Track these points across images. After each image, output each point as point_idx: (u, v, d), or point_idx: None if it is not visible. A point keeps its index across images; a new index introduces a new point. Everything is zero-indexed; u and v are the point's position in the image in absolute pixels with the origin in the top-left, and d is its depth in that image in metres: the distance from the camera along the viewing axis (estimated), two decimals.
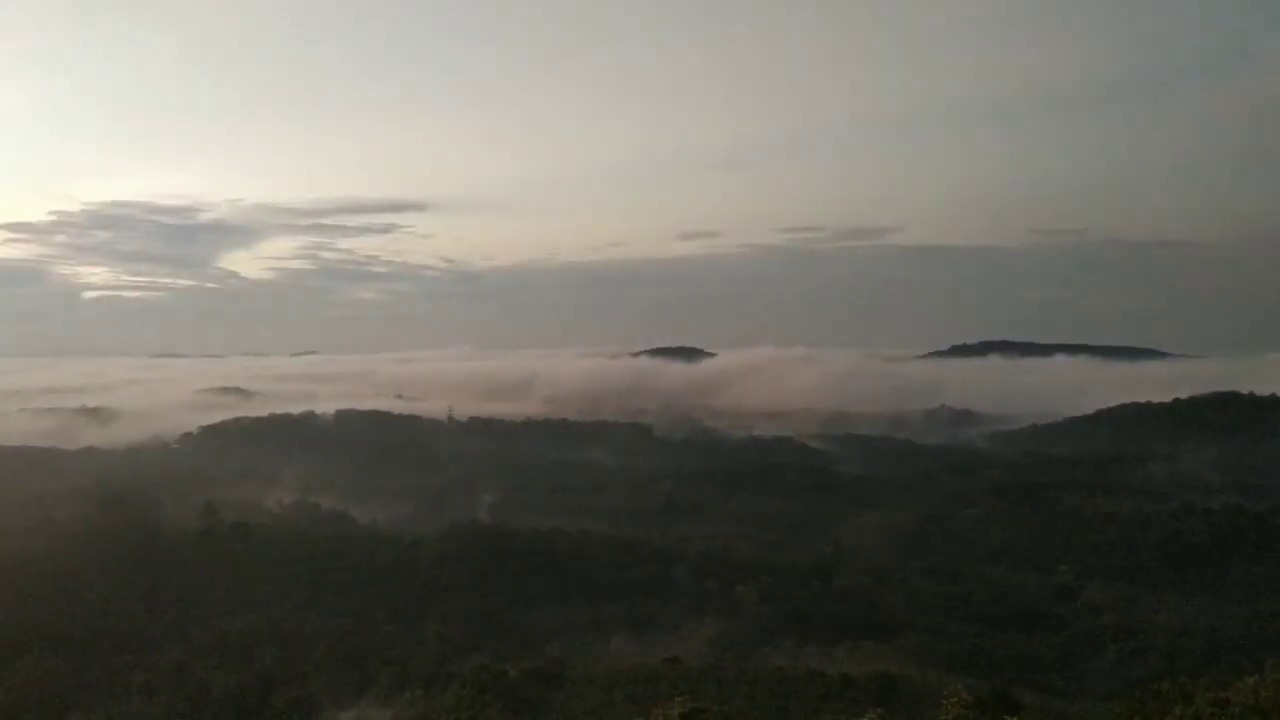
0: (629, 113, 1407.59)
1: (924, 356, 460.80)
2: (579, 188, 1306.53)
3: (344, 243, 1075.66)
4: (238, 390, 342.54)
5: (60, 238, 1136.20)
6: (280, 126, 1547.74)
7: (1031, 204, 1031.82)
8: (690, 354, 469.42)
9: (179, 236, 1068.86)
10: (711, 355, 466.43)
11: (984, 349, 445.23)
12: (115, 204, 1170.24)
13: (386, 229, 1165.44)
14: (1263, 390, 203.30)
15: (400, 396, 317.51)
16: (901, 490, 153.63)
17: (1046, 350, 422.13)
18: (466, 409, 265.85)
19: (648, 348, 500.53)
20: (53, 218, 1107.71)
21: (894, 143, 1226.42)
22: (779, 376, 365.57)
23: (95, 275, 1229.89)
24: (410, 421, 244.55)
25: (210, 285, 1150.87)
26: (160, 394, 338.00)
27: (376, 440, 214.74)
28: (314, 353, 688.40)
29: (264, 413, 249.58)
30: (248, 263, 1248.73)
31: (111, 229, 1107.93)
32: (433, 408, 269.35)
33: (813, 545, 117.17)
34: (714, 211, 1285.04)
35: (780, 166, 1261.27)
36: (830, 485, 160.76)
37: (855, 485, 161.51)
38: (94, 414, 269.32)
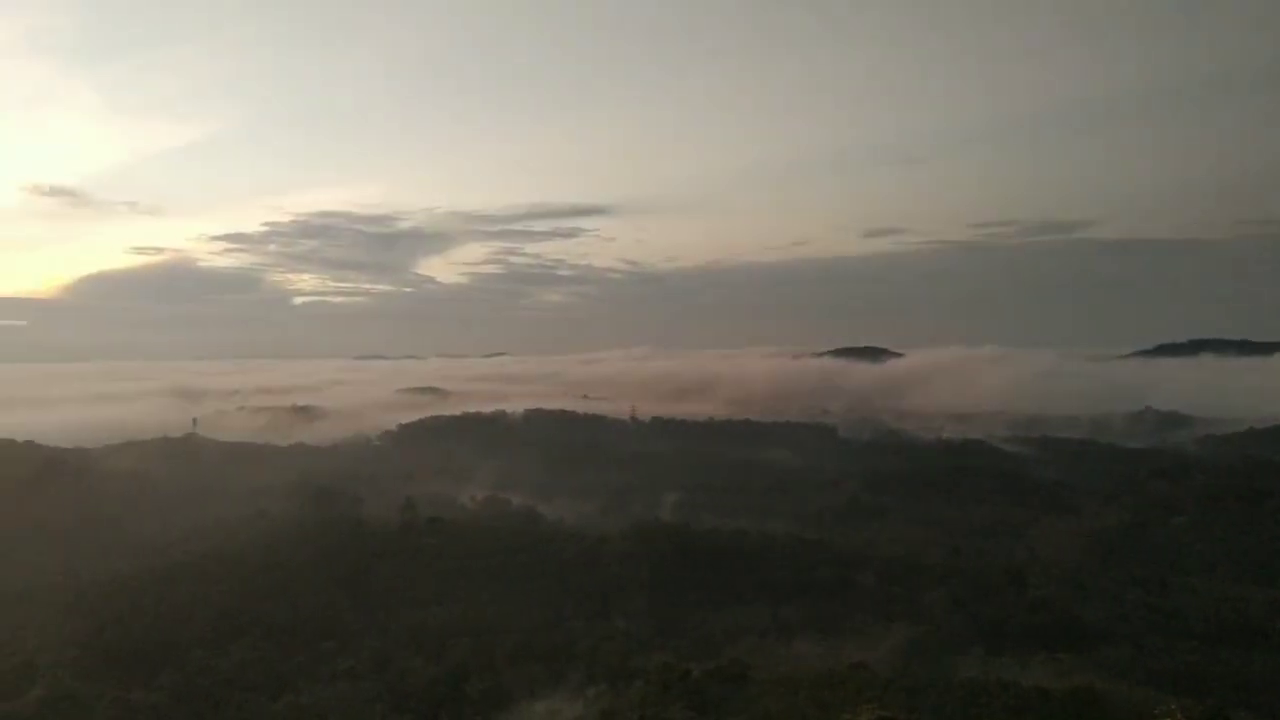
0: (811, 110, 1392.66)
1: (1127, 356, 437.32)
2: (761, 187, 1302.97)
3: (532, 247, 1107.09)
4: (434, 390, 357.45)
5: (273, 247, 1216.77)
6: (471, 137, 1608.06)
7: (1237, 195, 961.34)
8: (876, 354, 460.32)
9: (379, 244, 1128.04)
10: (898, 355, 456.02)
11: (1194, 348, 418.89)
12: (321, 215, 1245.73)
13: (572, 233, 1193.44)
14: None
15: (586, 396, 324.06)
16: (1102, 496, 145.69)
17: (1265, 349, 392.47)
18: (650, 409, 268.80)
19: (832, 348, 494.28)
20: (266, 229, 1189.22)
21: (1086, 134, 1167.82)
22: (969, 377, 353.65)
23: (304, 282, 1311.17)
24: (595, 421, 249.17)
25: (408, 290, 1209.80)
26: (363, 393, 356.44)
27: (563, 439, 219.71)
28: (504, 354, 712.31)
29: (458, 411, 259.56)
30: (442, 268, 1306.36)
31: (318, 238, 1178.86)
32: (617, 407, 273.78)
33: (1005, 552, 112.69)
34: (899, 208, 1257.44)
35: (966, 161, 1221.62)
36: (1024, 489, 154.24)
37: (1051, 490, 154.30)
38: (304, 412, 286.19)
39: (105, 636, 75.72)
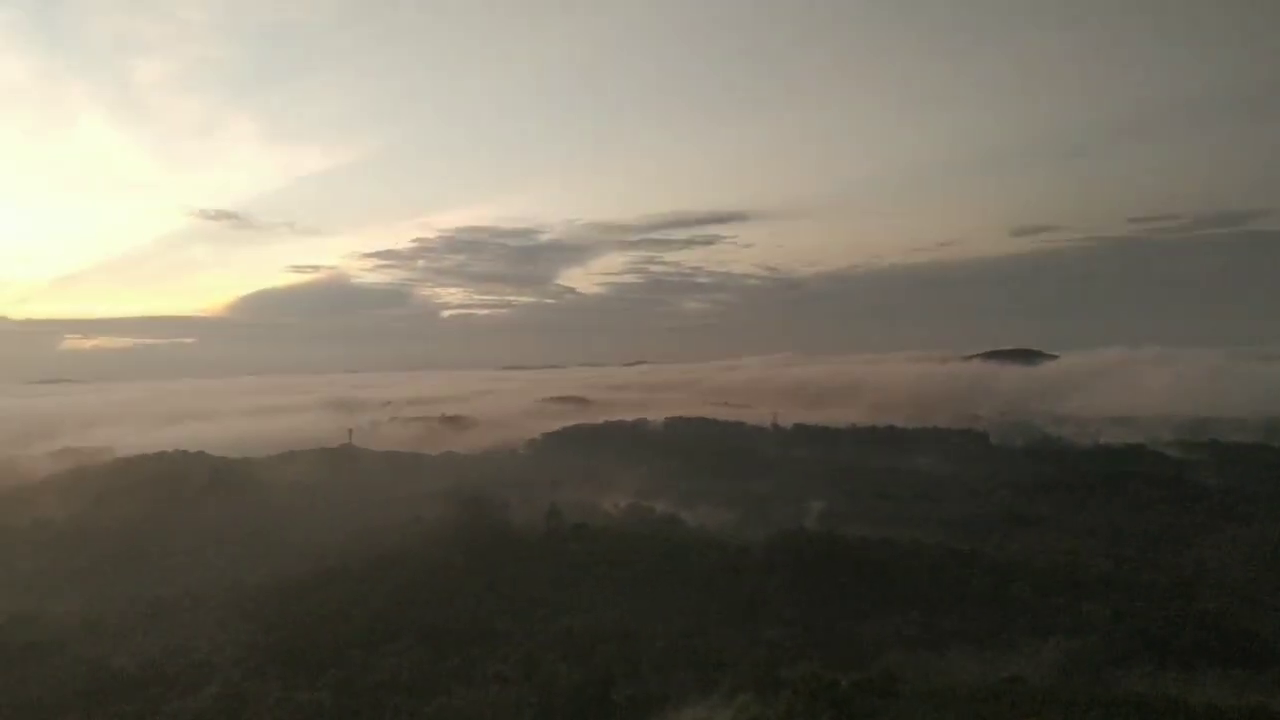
0: (954, 108, 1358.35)
1: None
2: (903, 187, 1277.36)
3: (670, 256, 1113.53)
4: (576, 399, 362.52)
5: (421, 263, 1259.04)
6: (609, 149, 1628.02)
7: None
8: (1029, 356, 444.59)
9: (522, 257, 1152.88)
10: (1053, 357, 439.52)
11: None
12: (466, 230, 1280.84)
13: (710, 241, 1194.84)
14: None
15: (726, 403, 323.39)
16: (1276, 504, 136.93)
17: None
18: (791, 415, 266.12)
19: (982, 350, 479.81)
20: (415, 245, 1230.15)
21: (1255, 119, 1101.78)
22: (1129, 379, 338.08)
23: (451, 295, 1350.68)
24: (736, 428, 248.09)
25: (549, 301, 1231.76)
26: (508, 403, 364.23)
27: (704, 446, 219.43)
28: (644, 362, 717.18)
29: (600, 420, 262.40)
30: (583, 279, 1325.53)
31: (464, 253, 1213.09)
32: (758, 414, 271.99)
33: (1170, 562, 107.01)
34: (1050, 204, 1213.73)
35: (1122, 153, 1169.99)
36: (1190, 497, 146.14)
37: (1221, 498, 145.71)
38: (453, 422, 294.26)
39: (271, 637, 79.28)
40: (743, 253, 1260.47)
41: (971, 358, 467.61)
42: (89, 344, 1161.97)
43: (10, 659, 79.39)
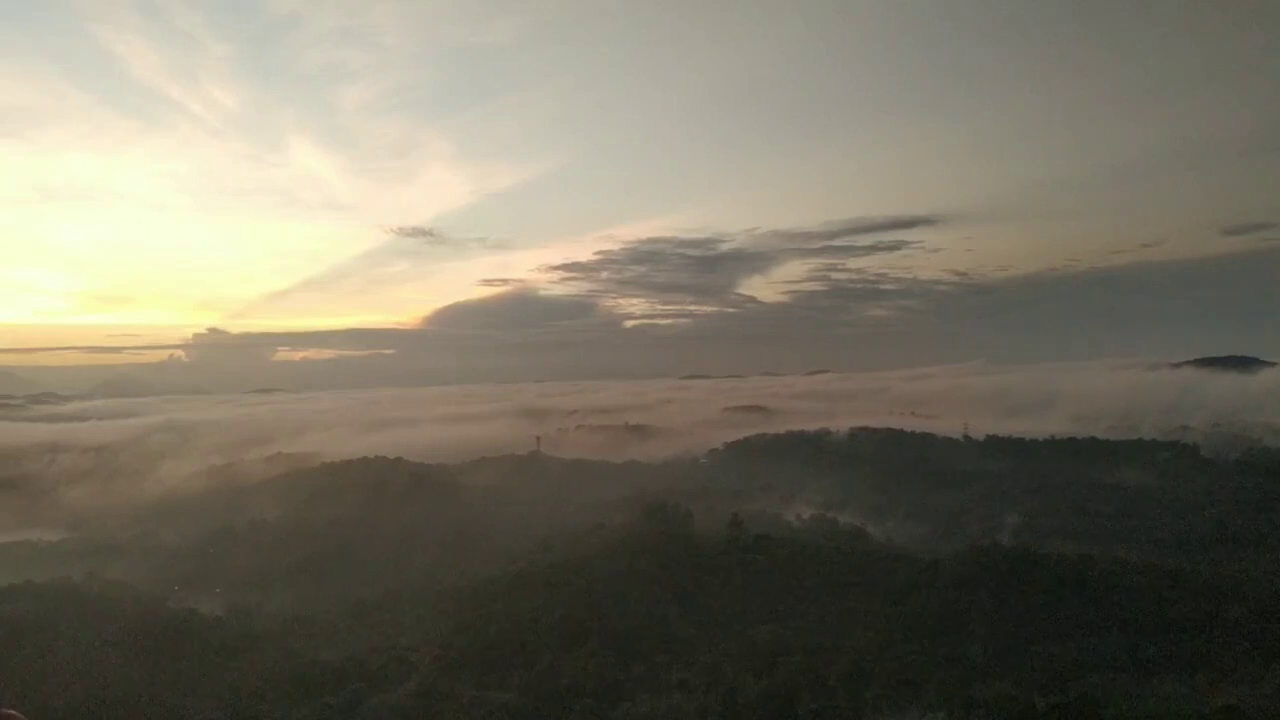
0: (1154, 104, 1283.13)
1: None
2: (1100, 187, 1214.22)
3: (854, 262, 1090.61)
4: (758, 408, 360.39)
5: (605, 274, 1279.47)
6: (789, 156, 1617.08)
7: None
8: (1244, 363, 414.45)
9: (703, 266, 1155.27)
10: (1271, 364, 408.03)
11: None
12: (649, 241, 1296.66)
13: (895, 246, 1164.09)
14: None
15: (914, 413, 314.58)
16: None
17: None
18: (983, 426, 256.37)
19: (1192, 357, 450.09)
20: (599, 257, 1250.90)
21: None
22: None
23: (634, 306, 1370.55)
24: (924, 439, 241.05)
25: (731, 310, 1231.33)
26: (690, 412, 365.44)
27: (891, 457, 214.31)
28: (827, 371, 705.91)
29: (782, 430, 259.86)
30: (764, 287, 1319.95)
31: (646, 263, 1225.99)
32: (947, 425, 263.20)
33: None
34: (1266, 201, 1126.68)
35: None
36: None
37: None
38: (636, 430, 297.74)
39: (465, 637, 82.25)
40: (930, 258, 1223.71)
41: (1180, 365, 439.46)
42: (298, 355, 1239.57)
43: (230, 649, 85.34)
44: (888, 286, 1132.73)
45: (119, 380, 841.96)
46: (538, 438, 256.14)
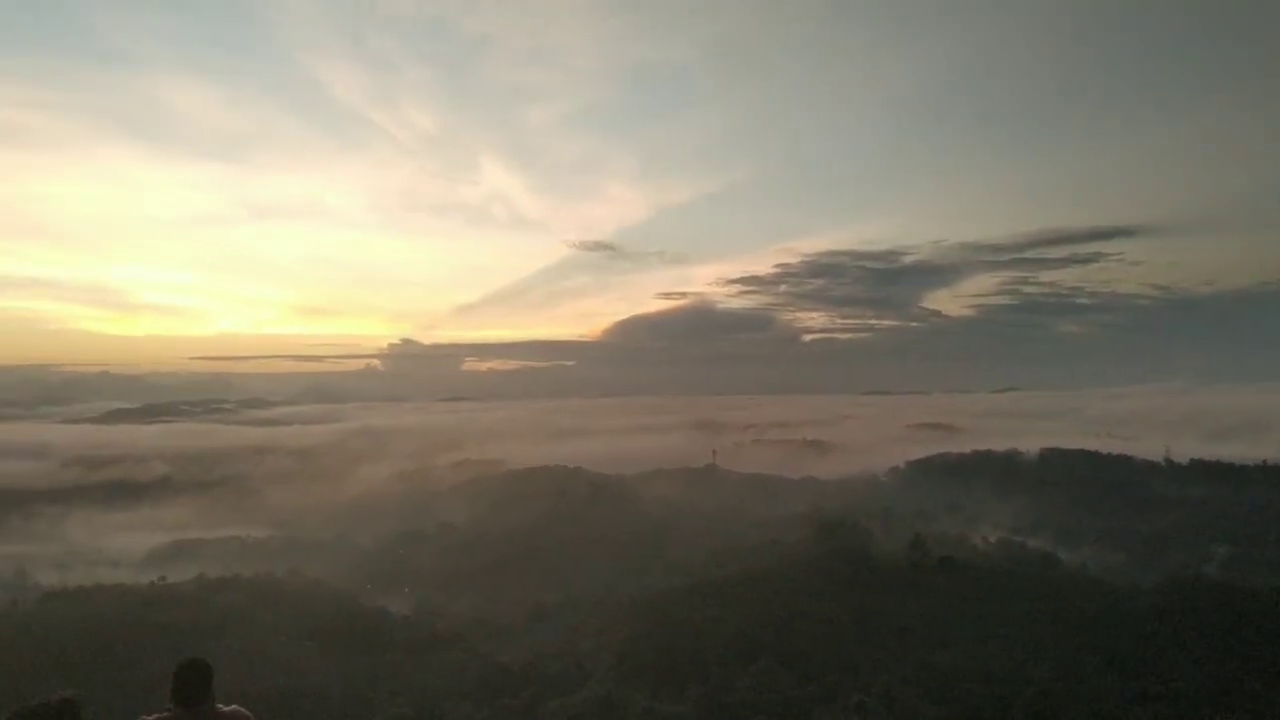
0: None
1: None
2: None
3: (1046, 276, 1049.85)
4: (942, 426, 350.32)
5: (783, 288, 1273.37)
6: (974, 166, 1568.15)
7: None
8: None
9: (884, 279, 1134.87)
10: None
11: None
12: (828, 254, 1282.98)
13: (1091, 258, 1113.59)
14: None
15: (1110, 434, 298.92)
16: None
17: None
18: (1187, 449, 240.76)
19: None
20: (777, 271, 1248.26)
21: None
22: None
23: (812, 319, 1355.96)
24: (1122, 462, 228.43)
25: (914, 324, 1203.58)
26: (870, 429, 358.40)
27: (1085, 480, 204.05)
28: (1016, 389, 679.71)
29: (968, 449, 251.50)
30: (949, 301, 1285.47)
31: (825, 277, 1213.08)
32: (1147, 447, 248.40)
33: None
34: None
35: None
36: None
37: None
38: (814, 446, 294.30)
39: (639, 647, 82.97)
40: (1130, 271, 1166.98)
41: None
42: (484, 366, 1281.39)
43: (418, 647, 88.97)
44: (1083, 301, 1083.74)
45: (321, 387, 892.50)
46: (714, 451, 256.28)
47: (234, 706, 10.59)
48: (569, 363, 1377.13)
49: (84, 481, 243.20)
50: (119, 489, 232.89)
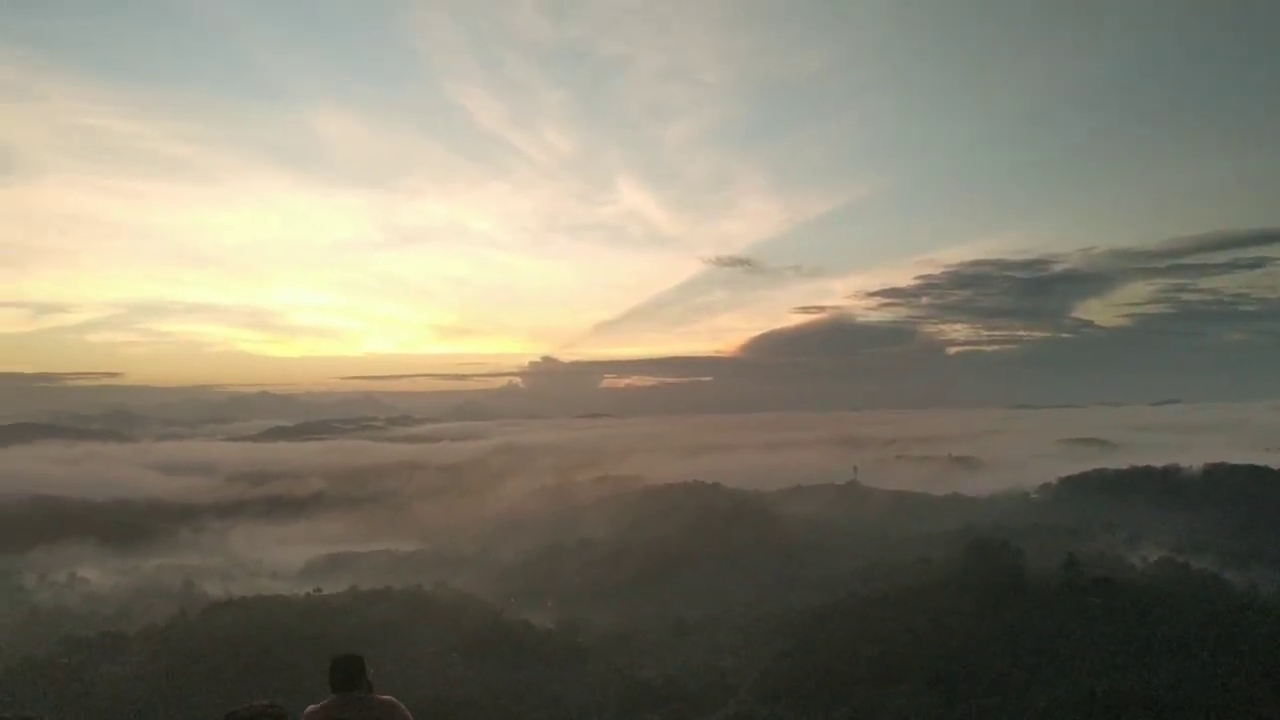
0: None
1: None
2: None
3: (1207, 282, 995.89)
4: (1096, 441, 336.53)
5: (925, 299, 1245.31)
6: (1125, 170, 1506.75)
7: None
8: None
9: (1032, 289, 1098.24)
10: None
11: None
12: (972, 264, 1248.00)
13: (1258, 263, 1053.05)
14: None
15: None
16: None
17: None
18: None
19: None
20: (918, 282, 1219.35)
21: None
22: None
23: (957, 331, 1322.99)
24: None
25: (1064, 335, 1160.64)
26: (1020, 444, 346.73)
27: (1254, 498, 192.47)
28: (1176, 401, 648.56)
29: (1124, 464, 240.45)
30: (1101, 310, 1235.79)
31: (969, 288, 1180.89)
32: None
33: None
34: None
35: None
36: None
37: None
38: (960, 462, 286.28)
39: (782, 665, 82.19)
40: None
41: None
42: (622, 382, 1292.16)
43: (559, 660, 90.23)
44: (1248, 308, 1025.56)
45: (465, 405, 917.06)
46: (855, 467, 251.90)
47: (388, 696, 11.76)
48: (706, 378, 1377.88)
49: (246, 496, 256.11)
50: (278, 504, 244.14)
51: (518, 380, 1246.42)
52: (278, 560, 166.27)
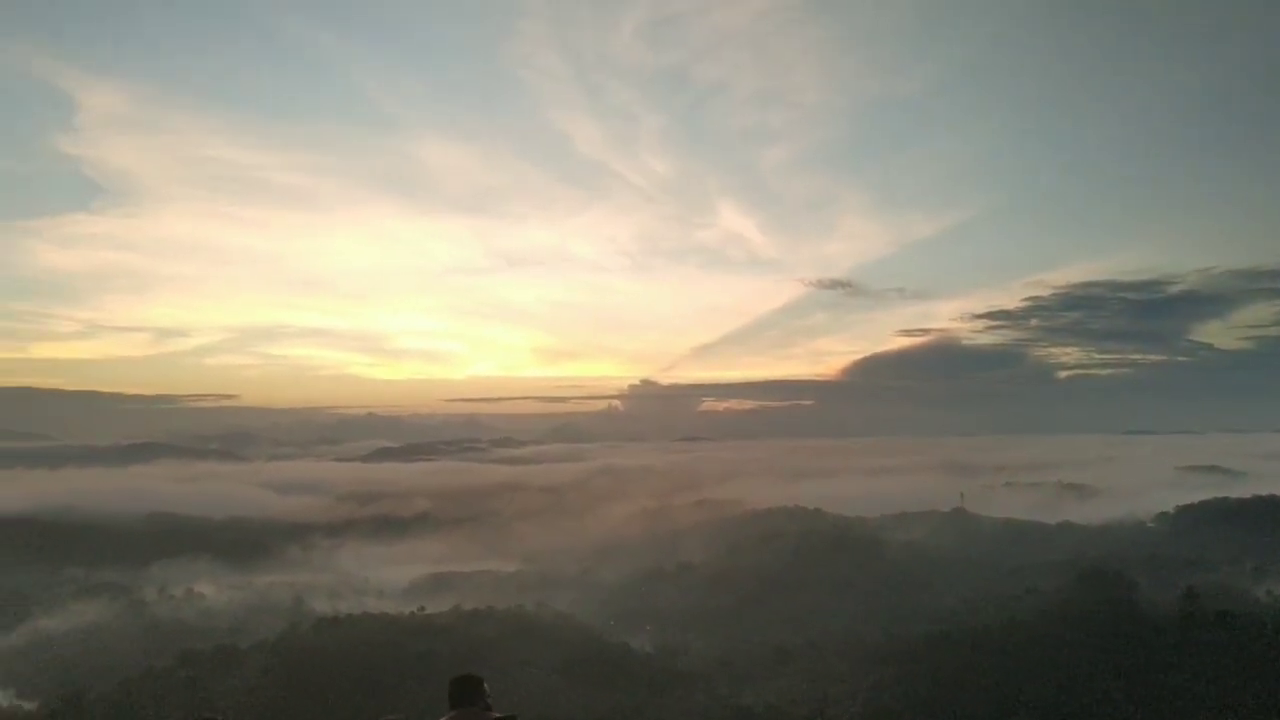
0: None
1: None
2: None
3: None
4: (1217, 469, 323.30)
5: (1034, 322, 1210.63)
6: (1248, 187, 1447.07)
7: None
8: None
9: (1147, 311, 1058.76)
10: None
11: None
12: (1082, 285, 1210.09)
13: None
14: None
15: None
16: None
17: None
18: None
19: None
20: (1027, 305, 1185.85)
21: None
22: None
23: (1067, 355, 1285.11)
24: None
25: (1181, 359, 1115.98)
26: (1134, 471, 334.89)
27: None
28: None
29: (1247, 494, 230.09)
30: (1222, 333, 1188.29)
31: (1081, 309, 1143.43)
32: None
33: None
34: None
35: None
36: None
37: None
38: (1072, 489, 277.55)
39: (885, 695, 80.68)
40: None
41: None
42: (721, 406, 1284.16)
43: (660, 684, 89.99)
44: None
45: (565, 427, 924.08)
46: (961, 494, 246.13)
47: (511, 715, 12.04)
48: (807, 402, 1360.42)
49: (354, 516, 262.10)
50: (384, 523, 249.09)
51: (617, 403, 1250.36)
52: (384, 579, 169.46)
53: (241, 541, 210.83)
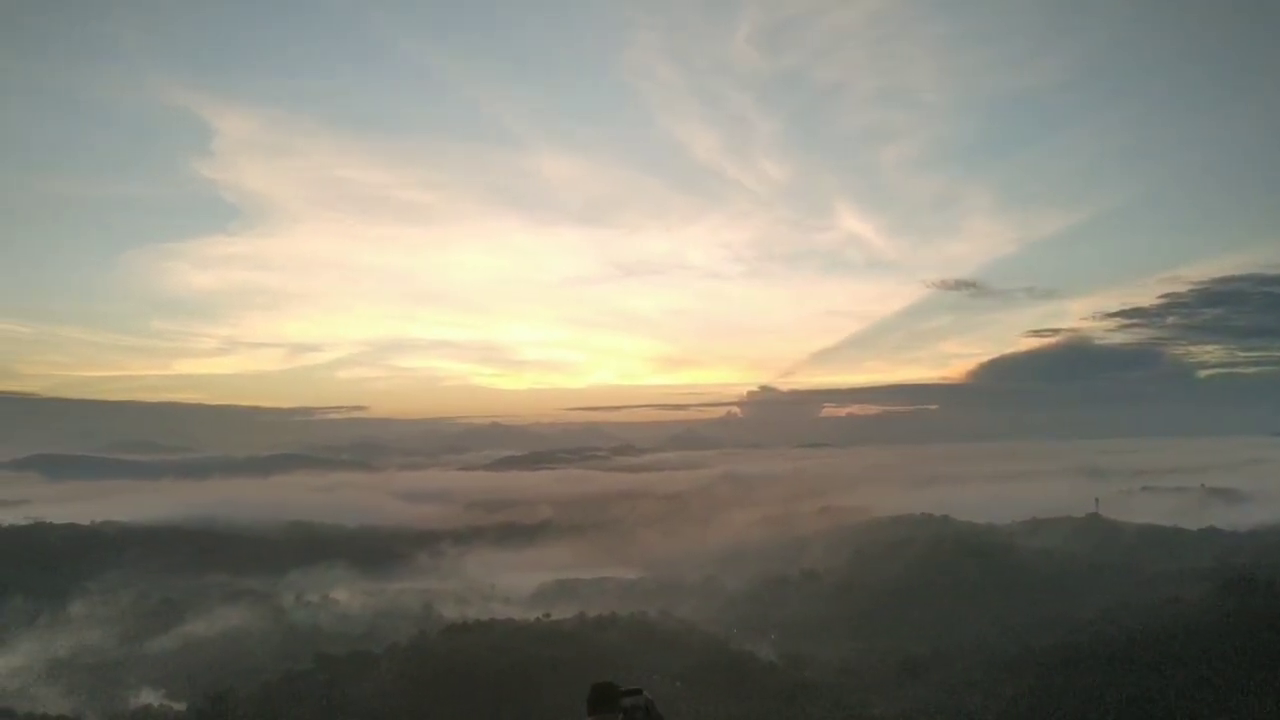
0: None
1: None
2: None
3: None
4: None
5: (1171, 319, 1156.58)
6: None
7: None
8: None
9: None
10: None
11: None
12: (1224, 280, 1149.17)
13: None
14: None
15: None
16: None
17: None
18: None
19: None
20: (1163, 301, 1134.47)
21: None
22: None
23: (1208, 353, 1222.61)
24: None
25: None
26: None
27: None
28: None
29: None
30: None
31: (1222, 305, 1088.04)
32: None
33: None
34: None
35: None
36: None
37: None
38: (1217, 494, 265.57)
39: (1021, 707, 78.35)
40: None
41: None
42: (843, 411, 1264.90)
43: (786, 695, 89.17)
44: None
45: (685, 434, 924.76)
46: (1097, 499, 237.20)
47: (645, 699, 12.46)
48: (932, 406, 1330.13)
49: (480, 523, 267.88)
50: (509, 531, 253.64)
51: (736, 410, 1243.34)
52: (509, 585, 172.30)
53: (373, 549, 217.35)
